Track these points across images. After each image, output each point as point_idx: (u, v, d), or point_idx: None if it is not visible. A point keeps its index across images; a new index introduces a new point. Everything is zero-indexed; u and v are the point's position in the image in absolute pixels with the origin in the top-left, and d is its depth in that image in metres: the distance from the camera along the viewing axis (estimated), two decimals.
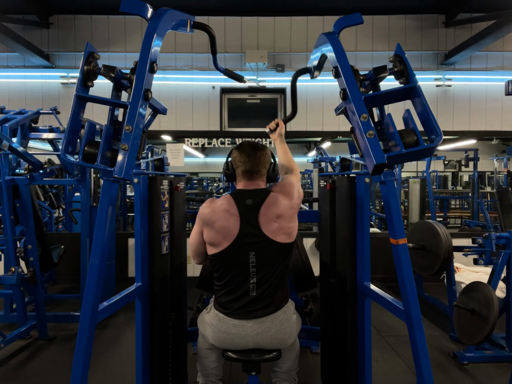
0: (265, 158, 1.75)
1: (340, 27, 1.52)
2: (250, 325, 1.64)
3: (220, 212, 1.67)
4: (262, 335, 1.65)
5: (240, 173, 1.74)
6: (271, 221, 1.64)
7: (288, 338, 1.70)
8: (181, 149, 5.23)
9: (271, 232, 1.64)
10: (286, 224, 1.66)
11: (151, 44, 1.40)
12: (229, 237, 1.64)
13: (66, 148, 1.36)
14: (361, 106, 1.34)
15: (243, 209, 1.66)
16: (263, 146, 1.78)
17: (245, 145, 1.77)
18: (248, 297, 1.65)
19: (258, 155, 1.73)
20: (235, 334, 1.65)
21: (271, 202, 1.67)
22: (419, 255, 3.50)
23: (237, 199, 1.69)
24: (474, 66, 6.75)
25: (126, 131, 1.30)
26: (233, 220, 1.64)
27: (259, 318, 1.65)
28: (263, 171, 1.75)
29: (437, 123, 1.33)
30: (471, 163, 7.47)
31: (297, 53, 6.52)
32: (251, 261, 1.64)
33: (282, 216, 1.66)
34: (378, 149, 1.28)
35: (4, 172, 3.04)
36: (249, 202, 1.67)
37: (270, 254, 1.65)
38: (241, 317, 1.65)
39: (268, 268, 1.65)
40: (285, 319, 1.69)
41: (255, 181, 1.73)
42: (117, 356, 3.02)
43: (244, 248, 1.64)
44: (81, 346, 1.34)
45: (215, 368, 1.82)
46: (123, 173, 1.27)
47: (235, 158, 1.75)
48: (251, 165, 1.71)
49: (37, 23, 6.44)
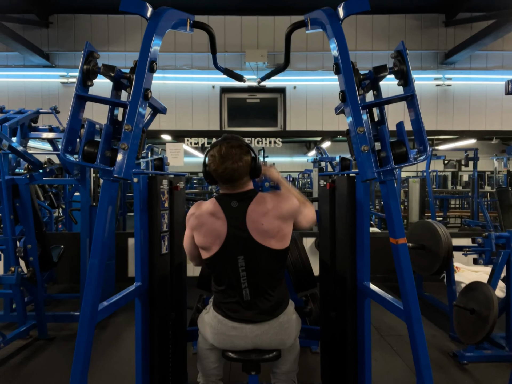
0: (244, 165, 1.58)
1: (346, 14, 1.44)
2: (249, 327, 1.63)
3: (207, 216, 1.62)
4: (261, 337, 1.64)
5: (220, 182, 1.63)
6: (258, 224, 1.59)
7: (287, 339, 1.69)
8: (181, 149, 5.23)
9: (259, 236, 1.59)
10: (275, 230, 1.58)
11: (150, 43, 1.39)
12: (218, 241, 1.60)
13: (65, 148, 1.36)
14: (359, 117, 1.34)
15: (229, 212, 1.61)
16: (238, 153, 1.57)
17: (218, 158, 1.56)
18: (243, 303, 1.63)
19: (235, 168, 1.56)
20: (234, 336, 1.64)
21: (258, 202, 1.61)
22: (419, 255, 3.50)
23: (222, 202, 1.63)
24: (474, 66, 6.75)
25: (126, 130, 1.30)
26: (220, 224, 1.60)
27: (258, 323, 1.63)
28: (245, 179, 1.62)
29: (426, 138, 1.37)
30: (471, 163, 7.47)
31: (297, 52, 6.52)
32: (241, 265, 1.61)
33: (268, 217, 1.58)
34: (370, 165, 1.31)
35: (4, 172, 3.04)
36: (235, 204, 1.61)
37: (260, 258, 1.61)
38: (239, 320, 1.64)
39: (259, 272, 1.62)
40: (285, 321, 1.68)
41: (238, 187, 1.63)
42: (117, 356, 3.02)
43: (233, 252, 1.61)
44: (80, 346, 1.34)
45: (216, 368, 1.81)
46: (123, 172, 1.27)
47: (211, 167, 1.60)
48: (230, 181, 1.60)
49: (37, 23, 6.43)
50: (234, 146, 1.58)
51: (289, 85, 6.75)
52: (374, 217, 7.81)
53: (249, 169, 1.61)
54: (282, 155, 15.11)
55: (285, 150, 15.27)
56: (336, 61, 1.42)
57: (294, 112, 6.63)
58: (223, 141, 1.61)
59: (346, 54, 1.40)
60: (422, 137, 1.38)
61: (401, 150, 1.37)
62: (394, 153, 1.36)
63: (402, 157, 1.37)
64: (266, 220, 1.59)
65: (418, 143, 1.40)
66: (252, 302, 1.63)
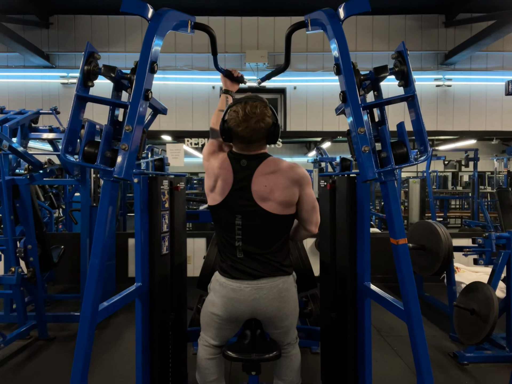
0: (265, 127, 1.58)
1: (346, 15, 1.45)
2: (248, 289, 1.63)
3: (219, 166, 1.66)
4: (259, 301, 1.64)
5: (237, 142, 1.64)
6: (261, 186, 1.59)
7: (284, 307, 1.68)
8: (181, 149, 5.23)
9: (260, 199, 1.60)
10: (278, 190, 1.59)
11: (151, 44, 1.39)
12: (221, 193, 1.63)
13: (66, 148, 1.36)
14: (360, 118, 1.34)
15: (237, 169, 1.63)
16: (261, 112, 1.56)
17: (241, 114, 1.55)
18: (237, 260, 1.65)
19: (256, 128, 1.56)
20: (234, 298, 1.65)
21: (267, 164, 1.62)
22: (419, 255, 3.50)
23: (232, 159, 1.65)
24: (474, 66, 6.75)
25: (126, 131, 1.30)
26: (226, 179, 1.63)
27: (255, 281, 1.63)
28: (262, 141, 1.63)
29: (427, 139, 1.38)
30: (471, 163, 7.47)
31: (297, 53, 6.52)
32: (237, 224, 1.63)
33: (274, 176, 1.60)
34: (371, 165, 1.31)
35: (4, 172, 3.04)
36: (244, 163, 1.63)
37: (257, 221, 1.62)
38: (234, 276, 1.65)
39: (254, 234, 1.63)
40: (284, 288, 1.68)
41: (253, 149, 1.64)
42: (117, 356, 3.02)
43: (232, 210, 1.63)
44: (81, 346, 1.34)
45: (216, 380, 1.78)
46: (123, 173, 1.27)
47: (231, 128, 1.59)
48: (248, 141, 1.60)
49: (37, 23, 6.44)
50: (260, 106, 1.57)
51: (289, 85, 6.76)
52: (374, 217, 7.81)
53: (268, 132, 1.61)
54: (282, 155, 15.09)
55: (285, 151, 15.27)
56: (337, 61, 1.42)
57: (294, 113, 6.63)
58: (248, 99, 1.59)
59: (346, 54, 1.40)
60: (422, 137, 1.38)
61: (401, 151, 1.37)
62: (395, 153, 1.37)
63: (402, 157, 1.37)
64: (272, 178, 1.60)
65: (419, 143, 1.41)
66: (246, 262, 1.64)
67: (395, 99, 1.42)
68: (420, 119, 1.39)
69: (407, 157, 1.37)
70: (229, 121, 1.59)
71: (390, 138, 1.41)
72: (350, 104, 1.35)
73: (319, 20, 1.54)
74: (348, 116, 1.39)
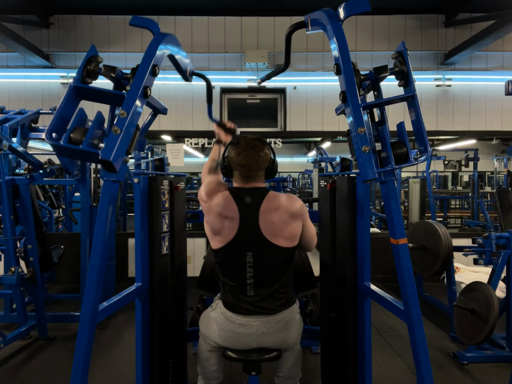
0: (264, 158, 1.68)
1: (346, 15, 1.44)
2: (256, 324, 1.65)
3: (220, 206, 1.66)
4: (267, 335, 1.66)
5: (237, 174, 1.70)
6: (269, 222, 1.63)
7: (289, 337, 1.71)
8: (181, 149, 5.22)
9: (269, 234, 1.63)
10: (285, 227, 1.64)
11: (155, 50, 1.39)
12: (229, 234, 1.64)
13: (49, 131, 1.27)
14: (360, 118, 1.33)
15: (243, 209, 1.64)
16: (261, 145, 1.68)
17: (242, 145, 1.67)
18: (248, 298, 1.66)
19: (256, 157, 1.65)
20: (241, 333, 1.66)
21: (270, 200, 1.66)
22: (419, 255, 3.50)
23: (236, 196, 1.67)
24: (474, 66, 6.74)
25: (121, 116, 1.24)
26: (232, 219, 1.63)
27: (264, 316, 1.65)
28: (261, 173, 1.70)
29: (427, 139, 1.37)
30: (471, 163, 7.47)
31: (297, 53, 6.51)
32: (248, 261, 1.64)
33: (279, 212, 1.64)
34: (371, 165, 1.30)
35: (4, 172, 3.04)
36: (248, 201, 1.65)
37: (268, 256, 1.64)
38: (243, 313, 1.65)
39: (266, 269, 1.65)
40: (290, 319, 1.70)
41: (253, 183, 1.70)
42: (117, 356, 3.02)
43: (242, 248, 1.64)
44: (81, 346, 1.34)
45: (216, 371, 1.81)
46: (112, 156, 1.18)
47: (231, 159, 1.68)
48: (249, 169, 1.66)
49: (37, 23, 6.43)
50: (258, 139, 1.70)
51: (289, 85, 6.74)
52: (374, 217, 7.81)
53: (267, 165, 1.70)
54: (282, 155, 15.12)
55: (285, 151, 15.29)
56: (337, 61, 1.41)
57: (294, 113, 6.63)
58: (247, 136, 1.72)
59: (346, 54, 1.39)
60: (422, 137, 1.38)
61: (401, 151, 1.37)
62: (395, 153, 1.37)
63: (402, 157, 1.37)
64: (276, 216, 1.63)
65: (419, 143, 1.41)
66: (257, 298, 1.65)
67: (395, 99, 1.42)
68: (420, 119, 1.39)
69: (407, 157, 1.37)
70: (229, 153, 1.70)
71: (390, 138, 1.40)
72: (350, 104, 1.35)
73: (319, 20, 1.54)
74: (348, 116, 1.39)
